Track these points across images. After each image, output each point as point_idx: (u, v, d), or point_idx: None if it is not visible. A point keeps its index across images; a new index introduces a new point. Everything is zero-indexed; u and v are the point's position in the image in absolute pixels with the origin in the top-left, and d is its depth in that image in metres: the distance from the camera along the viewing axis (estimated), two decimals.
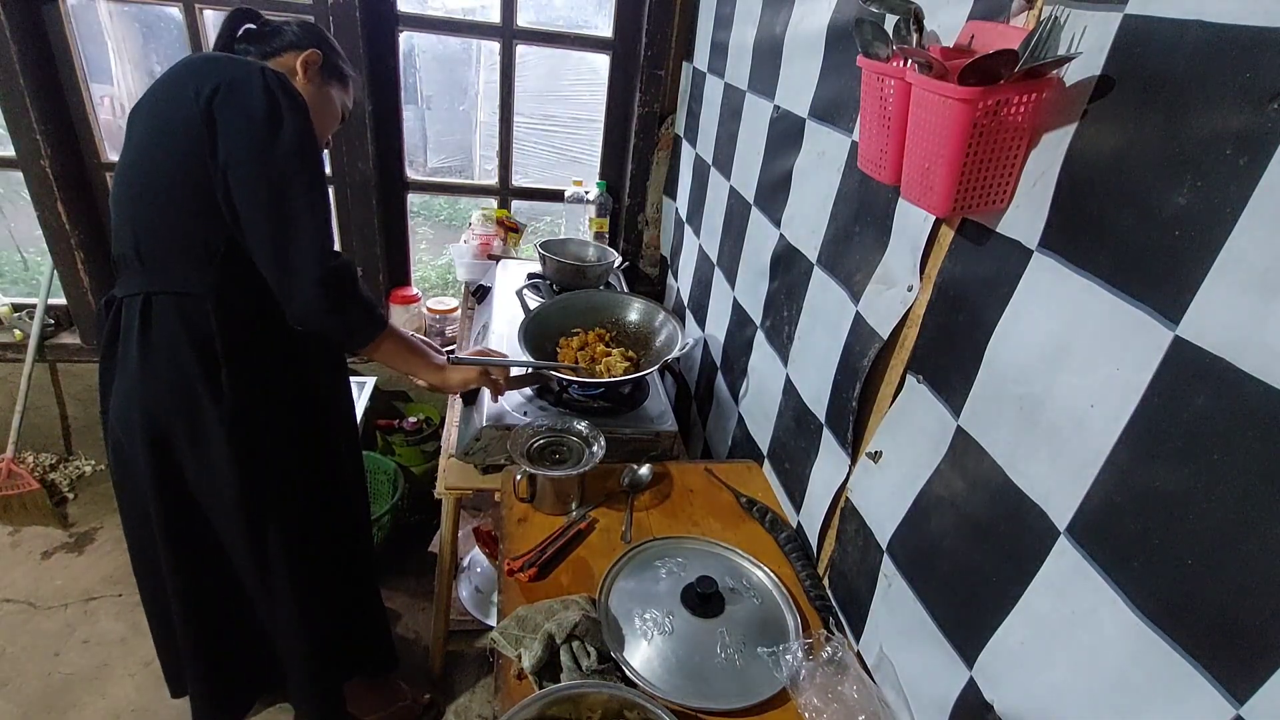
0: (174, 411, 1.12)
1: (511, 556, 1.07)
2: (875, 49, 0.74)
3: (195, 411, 1.12)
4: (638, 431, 1.38)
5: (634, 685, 0.87)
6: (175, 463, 1.16)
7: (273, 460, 1.19)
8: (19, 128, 1.88)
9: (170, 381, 1.10)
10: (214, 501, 1.19)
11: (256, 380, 1.15)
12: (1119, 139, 0.58)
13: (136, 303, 1.08)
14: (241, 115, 1.00)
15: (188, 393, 1.11)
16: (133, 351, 1.10)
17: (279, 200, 1.02)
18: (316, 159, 1.07)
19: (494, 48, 2.11)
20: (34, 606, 1.90)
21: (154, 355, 1.10)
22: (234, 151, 1.00)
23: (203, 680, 1.36)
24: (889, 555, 0.91)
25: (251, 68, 1.03)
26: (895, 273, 0.92)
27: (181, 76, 1.05)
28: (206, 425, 1.13)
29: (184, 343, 1.09)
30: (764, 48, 1.38)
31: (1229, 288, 0.48)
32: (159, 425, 1.13)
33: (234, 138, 1.00)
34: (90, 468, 2.39)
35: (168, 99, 1.05)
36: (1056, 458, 0.64)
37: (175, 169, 1.03)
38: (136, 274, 1.09)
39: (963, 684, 0.75)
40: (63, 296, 2.16)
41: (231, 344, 1.10)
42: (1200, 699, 0.50)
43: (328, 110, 1.24)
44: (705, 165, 1.77)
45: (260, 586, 1.26)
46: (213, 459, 1.15)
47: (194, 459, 1.15)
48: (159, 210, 1.06)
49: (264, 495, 1.20)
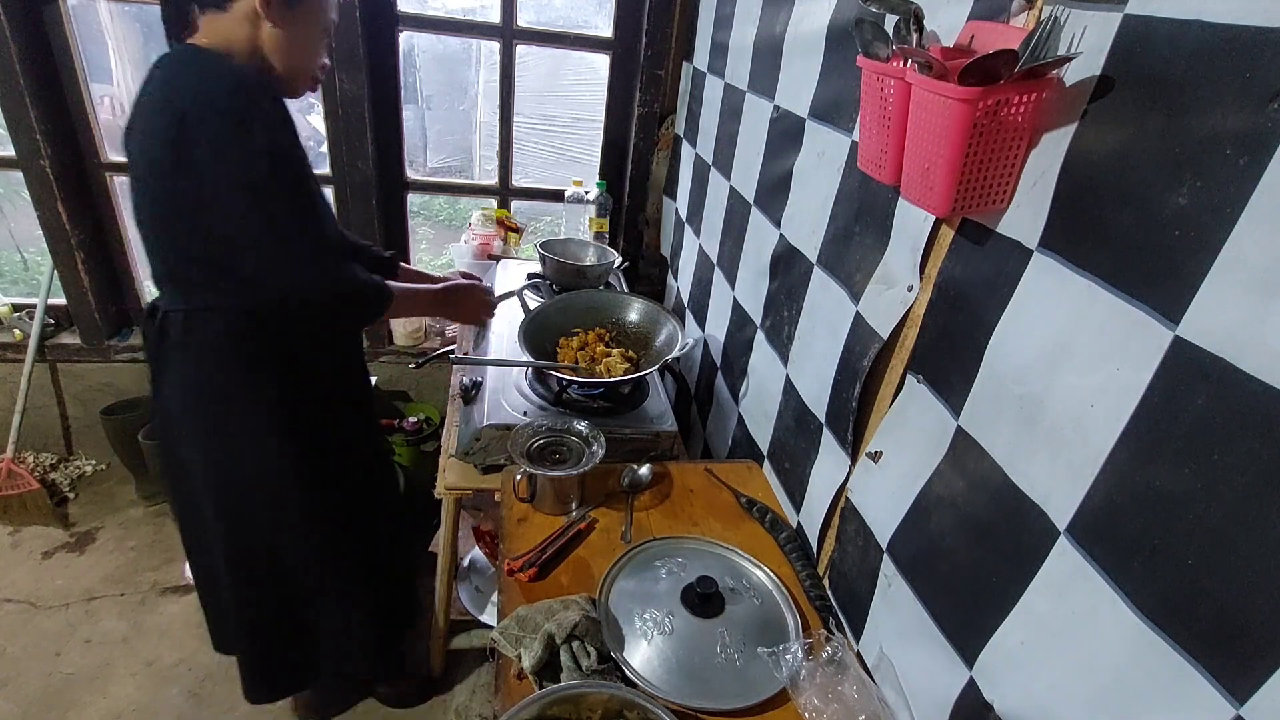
0: (222, 402, 1.20)
1: (511, 556, 1.07)
2: (875, 49, 0.74)
3: (242, 403, 1.21)
4: (638, 431, 1.38)
5: (634, 685, 0.87)
6: (224, 446, 1.24)
7: (314, 439, 1.29)
8: (19, 128, 1.88)
9: (216, 380, 1.19)
10: (260, 478, 1.27)
11: (292, 375, 1.23)
12: (1119, 139, 0.58)
13: (179, 317, 1.16)
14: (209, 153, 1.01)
15: (233, 390, 1.20)
16: (178, 356, 1.18)
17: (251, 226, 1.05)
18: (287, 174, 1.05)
19: (494, 48, 2.11)
20: (34, 606, 1.90)
21: (199, 360, 1.18)
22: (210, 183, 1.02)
23: (250, 642, 1.45)
24: (889, 555, 0.91)
25: (211, 94, 1.00)
26: (895, 273, 0.92)
27: (157, 102, 1.05)
28: (252, 415, 1.22)
29: (226, 350, 1.17)
30: (764, 48, 1.38)
31: (1229, 288, 0.48)
32: (210, 414, 1.21)
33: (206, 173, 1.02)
34: (90, 468, 2.39)
35: (150, 132, 1.05)
36: (1056, 458, 0.64)
37: (185, 200, 1.05)
38: (176, 292, 1.16)
39: (963, 684, 0.75)
40: (63, 296, 2.16)
41: (270, 347, 1.19)
42: (1200, 699, 0.49)
43: (311, 36, 1.14)
44: (705, 165, 1.77)
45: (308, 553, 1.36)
46: (260, 444, 1.23)
47: (243, 443, 1.23)
48: (185, 238, 1.10)
49: (305, 470, 1.29)
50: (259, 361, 1.19)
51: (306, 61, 1.16)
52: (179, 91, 1.03)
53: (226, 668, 1.78)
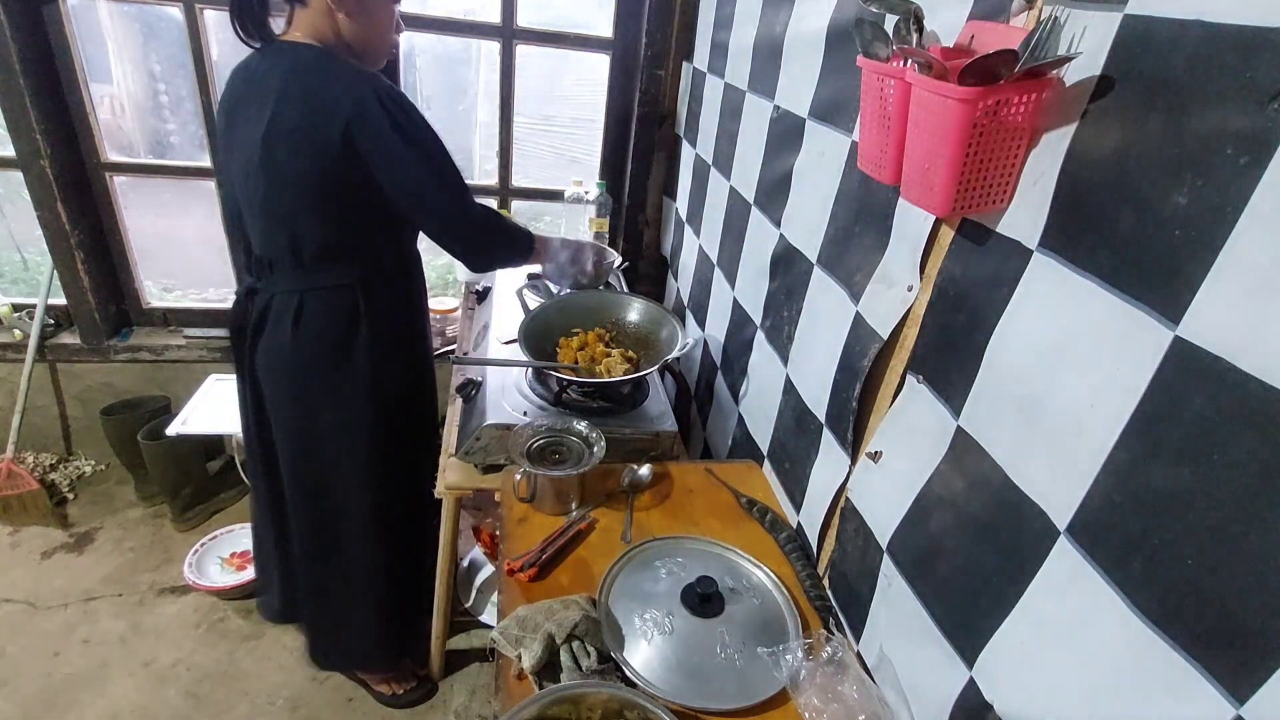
0: (321, 377, 1.33)
1: (511, 556, 1.07)
2: (875, 49, 0.74)
3: (340, 378, 1.33)
4: (638, 431, 1.38)
5: (634, 685, 0.87)
6: (314, 422, 1.37)
7: (389, 412, 1.41)
8: (19, 128, 1.88)
9: (317, 349, 1.31)
10: (345, 452, 1.40)
11: (388, 351, 1.37)
12: (1119, 139, 0.58)
13: (292, 298, 1.29)
14: (379, 140, 1.16)
15: (334, 364, 1.33)
16: (284, 337, 1.30)
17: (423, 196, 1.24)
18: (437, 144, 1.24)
19: (494, 48, 2.11)
20: (34, 606, 1.90)
21: (304, 338, 1.30)
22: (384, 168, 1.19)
23: (317, 613, 1.60)
24: (889, 555, 0.91)
25: (365, 92, 1.14)
26: (895, 273, 0.92)
27: (294, 92, 1.16)
28: (348, 388, 1.34)
29: (331, 328, 1.31)
30: (764, 48, 1.38)
31: (1229, 288, 0.48)
32: (307, 390, 1.34)
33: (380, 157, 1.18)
34: (90, 468, 2.39)
35: (288, 118, 1.16)
36: (1056, 458, 0.64)
37: (324, 185, 1.19)
38: (290, 274, 1.28)
39: (963, 684, 0.75)
40: (63, 296, 2.16)
41: (372, 324, 1.32)
42: (1200, 699, 0.49)
43: (382, 17, 1.26)
44: (705, 165, 1.77)
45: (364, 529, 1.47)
46: (352, 418, 1.37)
47: (334, 417, 1.36)
48: (317, 221, 1.23)
49: (388, 448, 1.42)
50: (355, 336, 1.32)
51: (382, 40, 1.29)
52: (335, 89, 1.15)
53: (225, 668, 1.78)
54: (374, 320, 1.33)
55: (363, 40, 1.25)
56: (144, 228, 2.24)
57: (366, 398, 1.36)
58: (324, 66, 1.19)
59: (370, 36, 1.25)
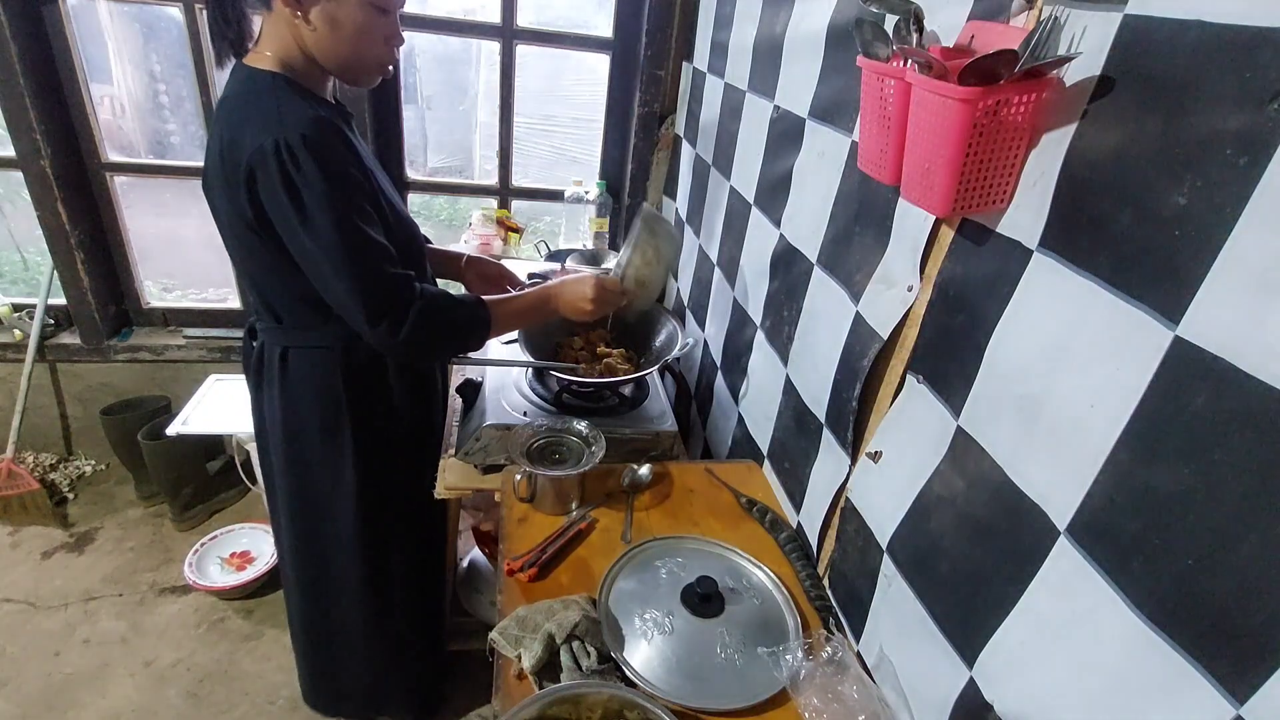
0: (305, 431, 1.27)
1: (511, 556, 1.07)
2: (875, 49, 0.74)
3: (322, 436, 1.27)
4: (638, 431, 1.38)
5: (634, 685, 0.87)
6: (303, 469, 1.31)
7: (387, 475, 1.35)
8: (19, 128, 1.88)
9: (307, 409, 1.26)
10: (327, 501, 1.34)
11: (369, 416, 1.29)
12: (1119, 139, 0.58)
13: (276, 350, 1.22)
14: (272, 200, 1.01)
15: (321, 437, 1.27)
16: (274, 386, 1.25)
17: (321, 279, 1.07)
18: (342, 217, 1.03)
19: (494, 48, 2.11)
20: (34, 606, 1.90)
21: (292, 390, 1.25)
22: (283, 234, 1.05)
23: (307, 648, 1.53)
24: (889, 555, 0.91)
25: (266, 140, 0.98)
26: (895, 273, 0.92)
27: (221, 128, 1.05)
28: (329, 447, 1.28)
29: (316, 384, 1.24)
30: (764, 48, 1.38)
31: (1228, 288, 0.48)
32: (294, 438, 1.28)
33: (277, 220, 1.04)
34: (90, 468, 2.39)
35: (213, 158, 1.06)
36: (1056, 458, 0.64)
37: (261, 235, 1.07)
38: (274, 329, 1.22)
39: (963, 684, 0.75)
40: (63, 296, 2.16)
41: (355, 385, 1.25)
42: (1200, 699, 0.49)
43: (349, 23, 1.03)
44: (705, 165, 1.77)
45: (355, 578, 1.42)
46: (341, 473, 1.30)
47: (325, 470, 1.30)
48: (281, 280, 1.14)
49: (378, 506, 1.35)
50: (342, 401, 1.25)
51: (363, 55, 1.08)
52: (243, 124, 1.01)
53: (225, 668, 1.78)
54: (361, 394, 1.26)
55: (336, 56, 1.06)
56: (144, 228, 2.25)
57: (353, 477, 1.30)
58: (252, 100, 1.03)
59: (344, 52, 1.06)
